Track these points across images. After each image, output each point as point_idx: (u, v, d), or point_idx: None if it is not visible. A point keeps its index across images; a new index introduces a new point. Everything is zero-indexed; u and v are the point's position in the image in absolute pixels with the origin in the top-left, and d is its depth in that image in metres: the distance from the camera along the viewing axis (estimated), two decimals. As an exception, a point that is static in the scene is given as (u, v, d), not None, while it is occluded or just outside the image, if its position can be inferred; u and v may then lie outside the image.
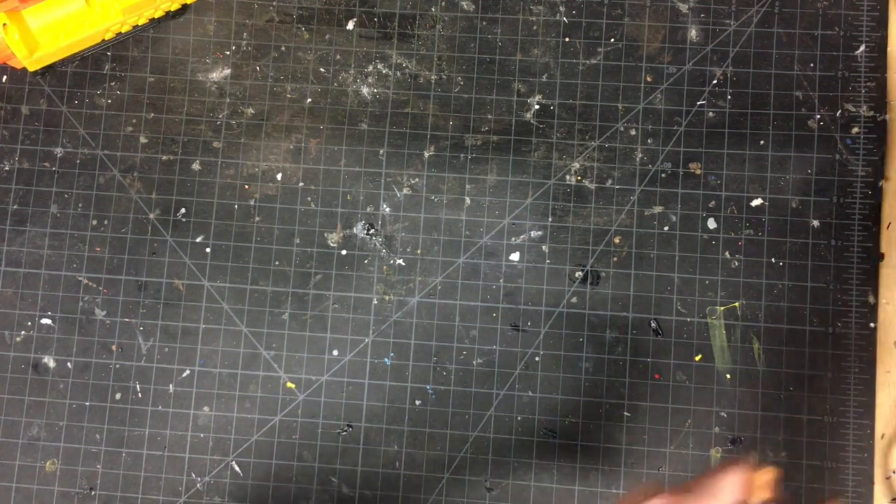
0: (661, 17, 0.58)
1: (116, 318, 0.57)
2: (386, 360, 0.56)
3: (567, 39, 0.58)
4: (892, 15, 0.57)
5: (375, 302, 0.56)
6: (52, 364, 0.56)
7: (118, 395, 0.56)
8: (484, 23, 0.58)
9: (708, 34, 0.58)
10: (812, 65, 0.57)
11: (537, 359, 0.56)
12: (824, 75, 0.57)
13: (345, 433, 0.55)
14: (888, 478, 0.54)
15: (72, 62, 0.58)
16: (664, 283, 0.56)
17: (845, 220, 0.56)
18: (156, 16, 0.57)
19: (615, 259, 0.56)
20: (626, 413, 0.55)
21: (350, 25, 0.59)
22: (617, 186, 0.57)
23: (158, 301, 0.57)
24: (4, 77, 0.59)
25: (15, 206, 0.58)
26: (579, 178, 0.57)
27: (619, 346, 0.56)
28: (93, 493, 0.55)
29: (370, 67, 0.58)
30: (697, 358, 0.55)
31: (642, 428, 0.55)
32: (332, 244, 0.57)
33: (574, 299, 0.56)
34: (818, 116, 0.57)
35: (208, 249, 0.57)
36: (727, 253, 0.56)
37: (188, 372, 0.56)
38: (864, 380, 0.55)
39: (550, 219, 0.57)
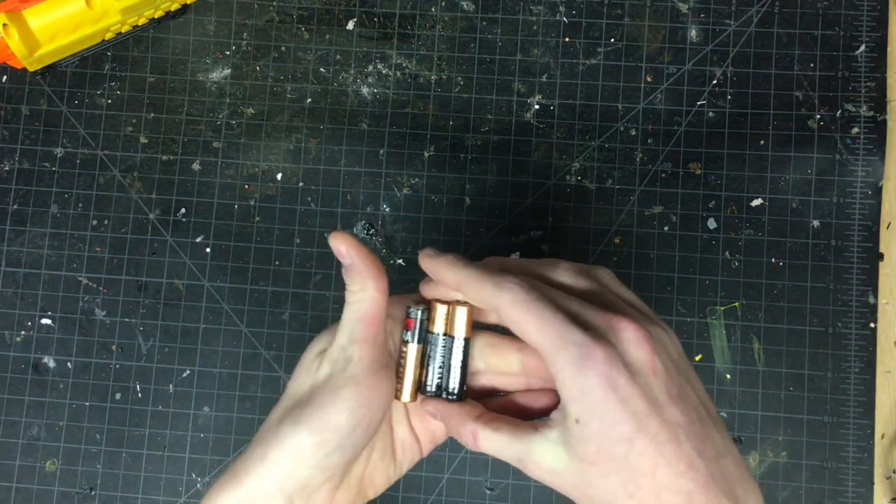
0: (661, 17, 0.58)
1: (116, 318, 0.57)
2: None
3: (567, 39, 0.58)
4: (892, 15, 0.57)
5: (375, 302, 0.56)
6: (52, 364, 0.56)
7: (118, 395, 0.56)
8: (484, 23, 0.58)
9: (708, 34, 0.58)
10: (812, 65, 0.57)
11: (537, 359, 0.56)
12: (824, 75, 0.57)
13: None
14: (888, 477, 0.54)
15: (72, 62, 0.58)
16: (664, 283, 0.56)
17: (845, 220, 0.56)
18: (156, 16, 0.57)
19: (615, 259, 0.56)
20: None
21: (350, 25, 0.59)
22: (617, 186, 0.57)
23: (158, 301, 0.57)
24: (4, 77, 0.59)
25: (15, 206, 0.58)
26: (579, 178, 0.57)
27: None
28: (93, 493, 0.55)
29: (370, 67, 0.58)
30: (697, 358, 0.55)
31: (642, 428, 0.55)
32: (332, 244, 0.57)
33: (574, 299, 0.56)
34: (818, 116, 0.57)
35: (208, 249, 0.57)
36: (727, 253, 0.56)
37: (188, 372, 0.56)
38: (864, 380, 0.55)
39: (550, 219, 0.57)
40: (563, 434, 0.31)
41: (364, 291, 0.36)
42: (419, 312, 0.37)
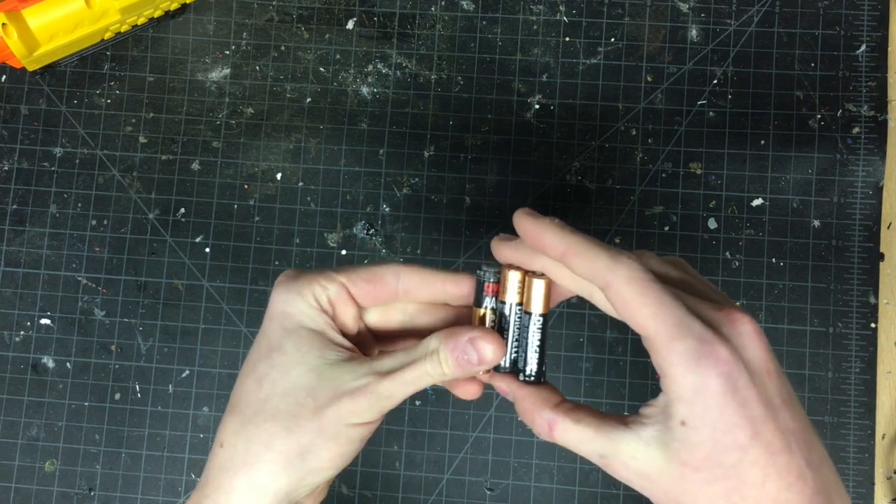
0: (661, 17, 0.58)
1: (116, 318, 0.57)
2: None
3: (567, 39, 0.58)
4: (892, 15, 0.57)
5: (375, 302, 0.56)
6: (51, 364, 0.56)
7: (117, 396, 0.56)
8: (484, 23, 0.58)
9: (708, 34, 0.58)
10: (813, 64, 0.57)
11: (537, 359, 0.56)
12: (825, 75, 0.57)
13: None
14: (889, 478, 0.54)
15: (71, 62, 0.57)
16: (664, 284, 0.56)
17: (845, 220, 0.56)
18: (155, 15, 0.57)
19: (615, 259, 0.56)
20: (626, 413, 0.55)
21: (350, 25, 0.59)
22: (617, 186, 0.57)
23: (158, 301, 0.57)
24: (4, 77, 0.59)
25: (14, 206, 0.58)
26: (579, 177, 0.57)
27: (619, 346, 0.56)
28: (92, 493, 0.55)
29: (370, 67, 0.58)
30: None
31: (642, 428, 0.55)
32: (331, 244, 0.57)
33: (574, 299, 0.56)
34: (819, 116, 0.57)
35: (208, 249, 0.57)
36: (727, 253, 0.56)
37: (188, 372, 0.56)
38: (865, 380, 0.55)
39: (550, 219, 0.57)
40: (662, 435, 0.28)
41: (442, 376, 0.32)
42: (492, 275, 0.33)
